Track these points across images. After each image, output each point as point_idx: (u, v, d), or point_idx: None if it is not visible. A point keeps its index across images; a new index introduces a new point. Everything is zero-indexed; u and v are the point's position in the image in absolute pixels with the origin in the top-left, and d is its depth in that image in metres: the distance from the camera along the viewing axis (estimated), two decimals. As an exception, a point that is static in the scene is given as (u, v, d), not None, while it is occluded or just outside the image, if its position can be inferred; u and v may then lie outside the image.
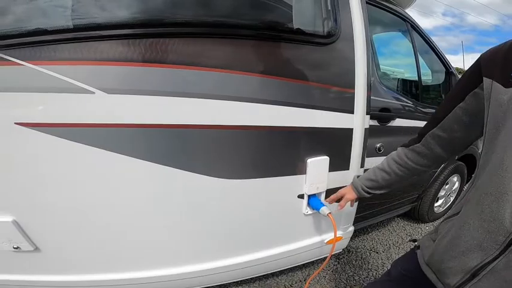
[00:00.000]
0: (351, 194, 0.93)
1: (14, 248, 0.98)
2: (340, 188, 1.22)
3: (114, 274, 1.08)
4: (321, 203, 1.14)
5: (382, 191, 0.86)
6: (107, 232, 0.99)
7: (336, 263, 1.97)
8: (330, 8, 1.03)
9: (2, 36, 0.74)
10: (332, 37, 1.03)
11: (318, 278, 1.84)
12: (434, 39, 1.92)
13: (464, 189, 2.43)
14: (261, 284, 1.76)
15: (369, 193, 0.88)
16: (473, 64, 0.59)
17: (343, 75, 1.08)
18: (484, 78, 0.55)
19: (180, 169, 0.91)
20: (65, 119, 0.80)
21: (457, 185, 2.36)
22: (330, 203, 1.02)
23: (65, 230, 0.98)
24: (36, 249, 1.00)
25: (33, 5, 0.79)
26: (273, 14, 1.01)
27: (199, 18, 0.86)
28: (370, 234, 2.28)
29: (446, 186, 2.24)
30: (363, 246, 2.14)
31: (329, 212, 1.09)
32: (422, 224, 2.38)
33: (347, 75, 1.09)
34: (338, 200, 1.00)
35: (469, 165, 2.30)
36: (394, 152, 0.83)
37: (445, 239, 0.62)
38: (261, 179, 1.02)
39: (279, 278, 1.82)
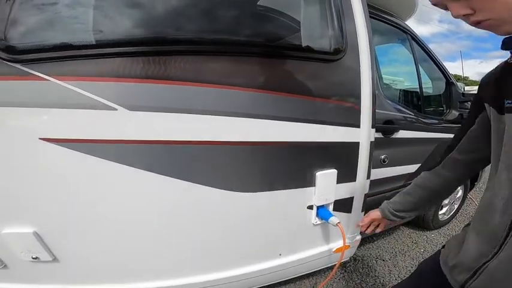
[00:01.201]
0: (379, 218, 0.95)
1: (33, 258, 1.01)
2: (348, 198, 1.27)
3: (128, 285, 1.11)
4: (330, 213, 1.18)
5: (410, 214, 0.89)
6: (124, 244, 1.03)
7: (343, 271, 1.99)
8: (336, 24, 1.09)
9: (28, 50, 0.78)
10: (339, 54, 1.09)
11: (325, 286, 1.86)
12: (432, 46, 1.99)
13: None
14: (269, 292, 1.79)
15: (396, 216, 0.90)
16: (477, 89, 0.65)
17: (349, 91, 1.13)
18: (485, 104, 0.60)
19: (198, 183, 0.95)
20: (87, 134, 0.84)
21: (460, 192, 2.39)
22: (363, 228, 1.00)
23: (84, 242, 1.02)
24: (55, 259, 1.03)
25: (59, 20, 0.83)
26: (282, 32, 1.06)
27: (219, 37, 0.92)
28: (376, 242, 2.30)
29: (451, 195, 2.27)
30: (369, 255, 2.16)
31: (338, 221, 1.12)
32: (428, 232, 2.40)
33: (353, 91, 1.13)
34: None
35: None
36: (418, 177, 0.87)
37: (460, 244, 0.68)
38: (272, 191, 1.06)
39: (287, 286, 1.84)
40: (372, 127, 1.20)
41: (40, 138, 0.82)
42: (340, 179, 1.18)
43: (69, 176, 0.89)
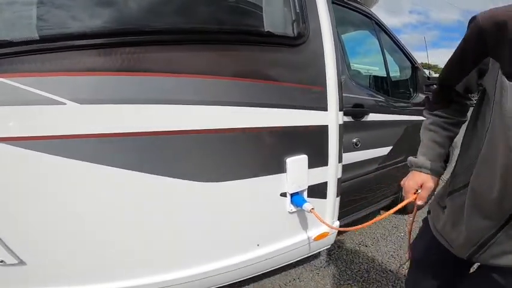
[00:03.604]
0: (430, 180, 0.78)
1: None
2: (322, 184, 1.27)
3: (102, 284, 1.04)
4: (304, 199, 1.17)
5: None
6: (88, 242, 0.96)
7: (328, 258, 2.00)
8: (298, 10, 1.08)
9: None
10: (302, 38, 1.08)
11: (311, 275, 1.86)
12: (403, 37, 2.06)
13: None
14: (255, 285, 1.76)
15: (444, 168, 0.80)
16: (479, 31, 0.55)
17: (314, 74, 1.13)
18: (490, 59, 0.54)
19: (160, 175, 0.90)
20: (35, 132, 0.78)
21: (434, 173, 2.46)
22: (420, 200, 0.82)
23: (46, 242, 0.94)
24: (21, 262, 0.94)
25: None
26: (244, 18, 1.04)
27: (174, 26, 0.88)
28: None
29: (424, 176, 2.34)
30: (351, 241, 2.18)
31: (312, 207, 1.11)
32: (406, 215, 2.47)
33: (318, 74, 1.13)
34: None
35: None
36: (427, 122, 0.81)
37: (457, 212, 0.66)
38: (243, 180, 1.03)
39: (273, 277, 1.83)
40: (340, 110, 1.20)
41: None
42: (312, 164, 1.17)
43: (19, 175, 0.82)
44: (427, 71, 2.20)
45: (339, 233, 1.80)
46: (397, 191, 2.18)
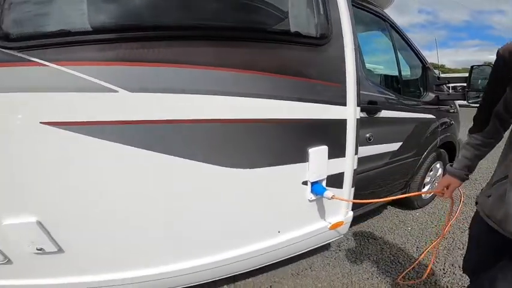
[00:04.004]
0: (455, 183, 1.04)
1: (38, 249, 1.01)
2: (339, 174, 1.35)
3: (139, 271, 1.13)
4: (324, 188, 1.25)
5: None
6: (130, 228, 1.05)
7: (338, 249, 2.08)
8: (322, 12, 1.17)
9: (25, 37, 0.80)
10: (325, 39, 1.17)
11: (322, 265, 1.93)
12: (411, 36, 2.12)
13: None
14: (269, 275, 1.83)
15: (468, 176, 1.03)
16: (498, 61, 0.77)
17: (335, 72, 1.22)
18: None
19: (195, 160, 0.99)
20: (89, 117, 0.87)
21: (440, 171, 2.55)
22: (446, 195, 1.09)
23: (89, 229, 1.02)
24: (60, 250, 1.03)
25: (55, 6, 0.86)
26: (274, 19, 1.13)
27: (214, 23, 0.97)
28: (365, 222, 2.41)
29: (431, 173, 2.42)
30: (360, 234, 2.26)
31: (333, 194, 1.20)
32: (413, 211, 2.54)
33: (339, 72, 1.22)
34: None
35: (449, 152, 2.51)
36: (465, 141, 1.01)
37: (502, 198, 0.79)
38: (269, 167, 1.12)
39: (285, 267, 1.90)
40: (357, 105, 1.29)
41: (41, 122, 0.83)
42: (331, 155, 1.26)
43: (71, 159, 0.90)
44: (436, 71, 2.27)
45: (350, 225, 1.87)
46: (404, 187, 2.26)
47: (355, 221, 2.38)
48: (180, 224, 1.10)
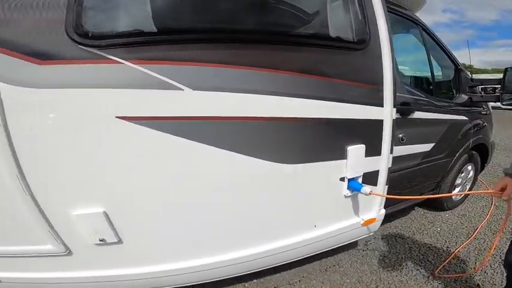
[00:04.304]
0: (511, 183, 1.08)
1: (100, 240, 1.10)
2: (374, 172, 1.42)
3: (193, 261, 1.24)
4: (361, 184, 1.32)
5: None
6: (189, 220, 1.15)
7: (366, 248, 2.12)
8: (360, 18, 1.24)
9: (104, 36, 0.91)
10: (363, 43, 1.24)
11: (350, 262, 1.99)
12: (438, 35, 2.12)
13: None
14: (297, 270, 1.90)
15: None
16: None
17: (373, 75, 1.29)
18: None
19: (247, 155, 1.09)
20: (158, 112, 0.97)
21: (471, 173, 2.51)
22: (503, 196, 1.10)
23: (150, 219, 1.13)
24: (119, 240, 1.12)
25: (131, 8, 0.97)
26: (317, 26, 1.22)
27: (274, 29, 1.10)
28: (393, 223, 2.43)
29: (462, 175, 2.40)
30: (387, 234, 2.29)
31: (370, 190, 1.27)
32: (442, 212, 2.53)
33: (376, 75, 1.29)
34: None
35: (481, 154, 2.47)
36: None
37: None
38: (311, 163, 1.21)
39: (314, 263, 1.97)
40: (394, 107, 1.35)
41: (117, 117, 0.94)
42: (368, 153, 1.33)
43: (141, 151, 1.01)
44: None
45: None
46: (435, 188, 2.26)
47: (383, 221, 2.42)
48: (230, 216, 1.21)
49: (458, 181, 2.39)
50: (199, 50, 1.00)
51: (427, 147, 1.90)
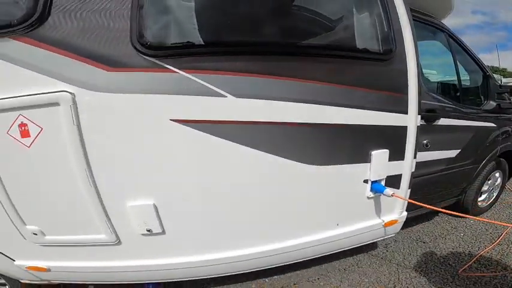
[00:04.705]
0: None
1: (147, 230, 1.24)
2: (397, 175, 1.48)
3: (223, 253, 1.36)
4: (383, 186, 1.39)
5: None
6: (227, 214, 1.28)
7: (385, 250, 2.17)
8: (386, 30, 1.31)
9: (162, 47, 1.04)
10: (389, 54, 1.31)
11: (369, 262, 2.05)
12: (467, 39, 2.13)
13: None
14: (317, 269, 2.00)
15: None
16: None
17: (398, 84, 1.35)
18: None
19: (280, 156, 1.21)
20: (205, 116, 1.11)
21: (499, 180, 2.47)
22: None
23: (191, 213, 1.26)
24: (163, 231, 1.26)
25: (186, 23, 1.10)
26: (345, 40, 1.31)
27: (307, 43, 1.23)
28: (415, 227, 2.45)
29: (489, 182, 2.37)
30: (409, 237, 2.31)
31: (392, 192, 1.34)
32: (466, 218, 2.49)
33: (401, 84, 1.35)
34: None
35: (510, 162, 2.42)
36: None
37: None
38: (337, 165, 1.31)
39: (333, 262, 2.05)
40: (418, 114, 1.41)
41: (171, 119, 1.09)
42: (391, 158, 1.39)
43: (189, 151, 1.16)
44: (496, 77, 2.24)
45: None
46: (460, 193, 2.25)
47: (405, 224, 2.43)
48: (265, 211, 1.32)
49: (485, 188, 2.36)
50: (241, 61, 1.13)
51: (452, 153, 1.92)
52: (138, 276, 1.46)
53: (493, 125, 2.09)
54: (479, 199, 2.39)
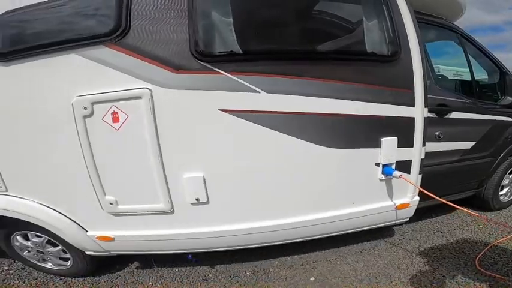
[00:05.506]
0: None
1: (196, 199, 1.54)
2: (408, 161, 1.69)
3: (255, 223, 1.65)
4: (393, 169, 1.61)
5: None
6: (262, 188, 1.58)
7: (402, 237, 2.32)
8: (392, 34, 1.55)
9: (212, 55, 1.37)
10: (395, 55, 1.55)
11: (385, 247, 2.21)
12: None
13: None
14: (335, 250, 2.21)
15: None
16: None
17: (405, 81, 1.58)
18: None
19: (304, 140, 1.51)
20: (244, 107, 1.44)
21: (521, 175, 2.49)
22: None
23: (229, 187, 1.58)
24: (207, 201, 1.57)
25: (230, 33, 1.40)
26: (357, 44, 1.58)
27: (326, 49, 1.52)
28: (433, 218, 2.55)
29: (511, 176, 2.41)
30: (426, 227, 2.43)
31: (401, 174, 1.56)
32: (487, 212, 2.55)
33: (408, 80, 1.58)
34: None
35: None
36: None
37: None
38: (352, 149, 1.58)
39: (351, 246, 2.24)
40: (425, 106, 1.61)
41: (219, 109, 1.43)
42: (401, 144, 1.61)
43: (233, 134, 1.48)
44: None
45: (413, 219, 2.05)
46: (478, 187, 2.34)
47: (423, 214, 2.52)
48: (292, 186, 1.60)
49: (506, 181, 2.41)
50: (272, 65, 1.45)
51: (467, 145, 2.06)
52: (185, 245, 1.74)
53: (509, 118, 2.18)
54: (501, 193, 2.44)
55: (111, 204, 1.57)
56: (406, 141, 1.63)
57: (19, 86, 1.45)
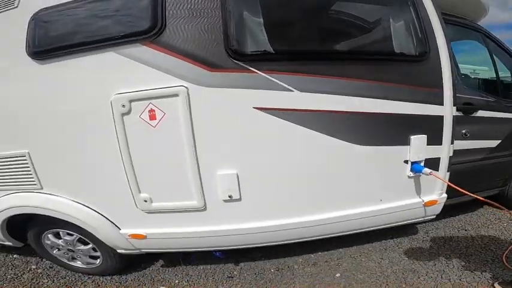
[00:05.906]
0: None
1: (228, 196, 1.57)
2: (436, 158, 1.70)
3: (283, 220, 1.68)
4: (422, 166, 1.63)
5: None
6: (294, 185, 1.61)
7: (426, 235, 2.32)
8: (420, 35, 1.58)
9: (245, 54, 1.40)
10: (424, 56, 1.58)
11: (409, 244, 2.22)
12: None
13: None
14: (359, 247, 2.22)
15: None
16: None
17: (434, 80, 1.60)
18: None
19: (335, 137, 1.54)
20: (278, 105, 1.48)
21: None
22: None
23: (261, 184, 1.61)
24: (239, 198, 1.60)
25: (260, 35, 1.45)
26: (386, 45, 1.61)
27: (357, 50, 1.58)
28: (457, 216, 2.55)
29: (535, 175, 2.39)
30: (450, 226, 2.43)
31: (430, 171, 1.58)
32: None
33: (437, 80, 1.60)
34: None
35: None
36: None
37: None
38: (382, 146, 1.60)
39: (375, 243, 2.26)
40: (454, 105, 1.63)
41: (253, 107, 1.47)
42: (429, 142, 1.63)
43: (266, 131, 1.52)
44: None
45: (436, 218, 2.02)
46: (503, 185, 2.33)
47: (447, 212, 2.47)
48: (323, 184, 1.64)
49: (530, 180, 2.40)
50: (303, 65, 1.49)
51: (492, 143, 2.06)
52: (216, 242, 1.75)
53: (535, 117, 2.17)
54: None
55: (145, 201, 1.61)
56: (434, 139, 1.65)
57: (55, 85, 1.49)
